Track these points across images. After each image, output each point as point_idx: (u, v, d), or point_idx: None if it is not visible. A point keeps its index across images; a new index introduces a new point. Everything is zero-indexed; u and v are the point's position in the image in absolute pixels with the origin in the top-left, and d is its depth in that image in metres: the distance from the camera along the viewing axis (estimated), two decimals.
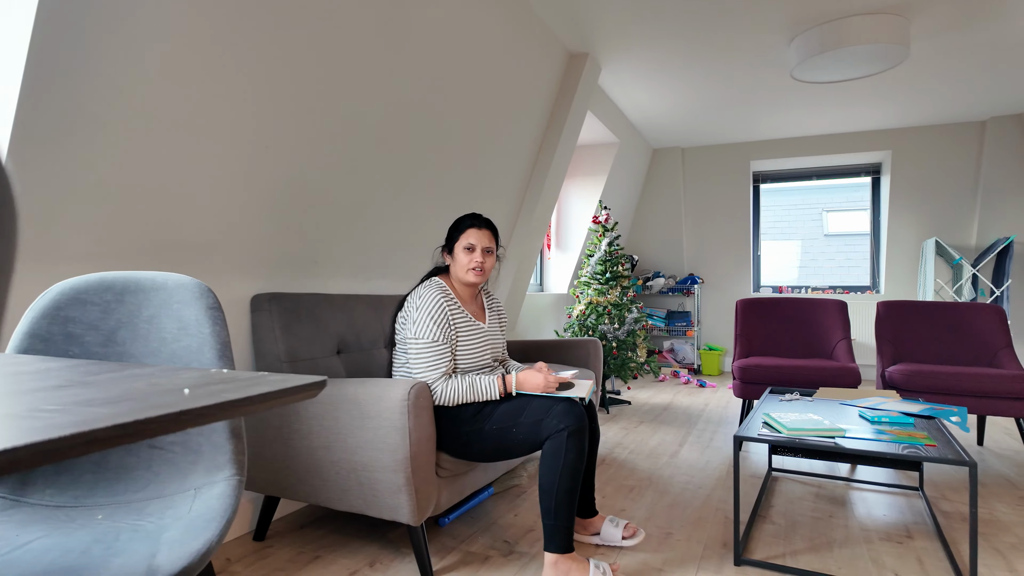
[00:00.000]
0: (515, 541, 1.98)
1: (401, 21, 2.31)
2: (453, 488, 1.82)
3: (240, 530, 2.02)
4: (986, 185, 5.18)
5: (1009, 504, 2.35)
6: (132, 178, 1.60)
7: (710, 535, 2.03)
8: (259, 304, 2.04)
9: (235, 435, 1.05)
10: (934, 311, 3.30)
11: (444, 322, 1.80)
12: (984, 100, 4.71)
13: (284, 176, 2.07)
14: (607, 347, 4.11)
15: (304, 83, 2.01)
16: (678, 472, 2.73)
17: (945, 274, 5.39)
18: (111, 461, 1.04)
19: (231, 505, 0.96)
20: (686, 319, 6.24)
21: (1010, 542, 2.00)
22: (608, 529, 1.92)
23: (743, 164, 6.11)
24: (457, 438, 1.74)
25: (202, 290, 1.10)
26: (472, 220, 1.91)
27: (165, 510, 0.97)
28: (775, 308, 3.59)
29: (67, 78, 1.38)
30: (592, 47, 3.65)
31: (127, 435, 0.41)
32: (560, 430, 1.65)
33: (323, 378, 0.56)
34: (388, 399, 1.63)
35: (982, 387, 2.70)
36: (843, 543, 1.97)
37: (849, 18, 3.16)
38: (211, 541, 0.85)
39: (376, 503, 1.69)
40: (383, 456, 1.63)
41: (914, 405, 2.26)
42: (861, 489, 2.51)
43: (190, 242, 1.83)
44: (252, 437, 1.88)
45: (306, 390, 0.54)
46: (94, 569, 0.77)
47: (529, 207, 3.82)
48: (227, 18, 1.69)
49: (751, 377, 3.12)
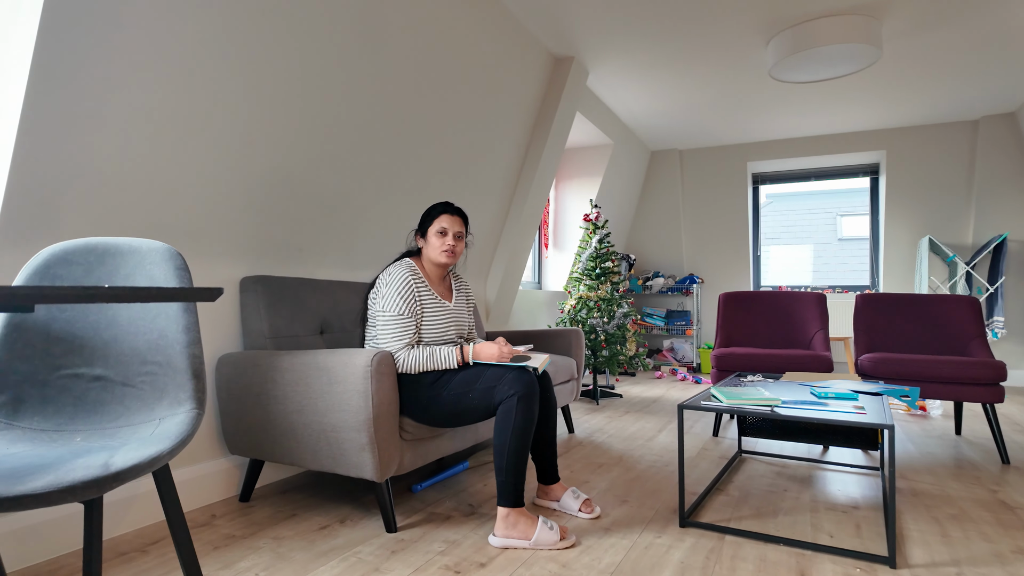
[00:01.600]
0: (479, 505, 2.12)
1: (382, 22, 2.50)
2: (416, 451, 1.98)
3: (227, 492, 2.20)
4: (980, 183, 5.22)
5: (963, 483, 2.43)
6: (129, 167, 1.80)
7: (664, 503, 2.16)
8: (247, 285, 2.23)
9: (196, 376, 1.22)
10: (910, 303, 3.37)
11: (411, 297, 1.96)
12: (975, 100, 4.76)
13: (269, 168, 2.26)
14: (596, 341, 4.23)
15: (288, 81, 2.20)
16: (649, 453, 2.85)
17: (942, 272, 5.42)
18: (90, 396, 1.22)
19: (186, 430, 1.12)
20: (685, 318, 6.33)
21: (950, 512, 2.09)
22: (567, 499, 2.05)
23: (741, 165, 6.20)
24: (418, 403, 1.90)
25: (171, 253, 1.28)
26: (445, 207, 2.08)
27: (132, 434, 1.14)
28: (756, 302, 3.70)
29: (69, 77, 1.58)
30: (577, 51, 3.81)
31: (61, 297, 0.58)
32: (511, 395, 1.80)
33: (219, 288, 0.72)
34: (353, 365, 1.79)
35: (945, 373, 2.77)
36: (789, 511, 2.08)
37: (820, 19, 3.28)
38: (161, 451, 1.02)
39: (344, 461, 1.85)
40: (348, 417, 1.80)
41: (870, 386, 2.36)
42: (825, 469, 2.60)
43: (182, 227, 2.02)
44: (235, 405, 2.06)
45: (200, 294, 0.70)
46: (63, 465, 0.94)
47: (518, 206, 3.98)
48: (217, 21, 1.89)
49: (726, 365, 3.22)
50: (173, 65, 1.82)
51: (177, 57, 1.82)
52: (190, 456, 2.09)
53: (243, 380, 2.04)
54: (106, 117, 1.70)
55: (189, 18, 1.81)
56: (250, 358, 2.05)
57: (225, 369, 2.10)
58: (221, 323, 2.20)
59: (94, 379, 1.23)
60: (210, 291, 0.70)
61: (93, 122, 1.68)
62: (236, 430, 2.08)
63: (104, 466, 0.93)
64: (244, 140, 2.13)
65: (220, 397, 2.11)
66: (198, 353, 1.23)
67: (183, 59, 1.84)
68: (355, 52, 2.42)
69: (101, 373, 1.24)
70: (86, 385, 1.23)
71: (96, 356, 1.25)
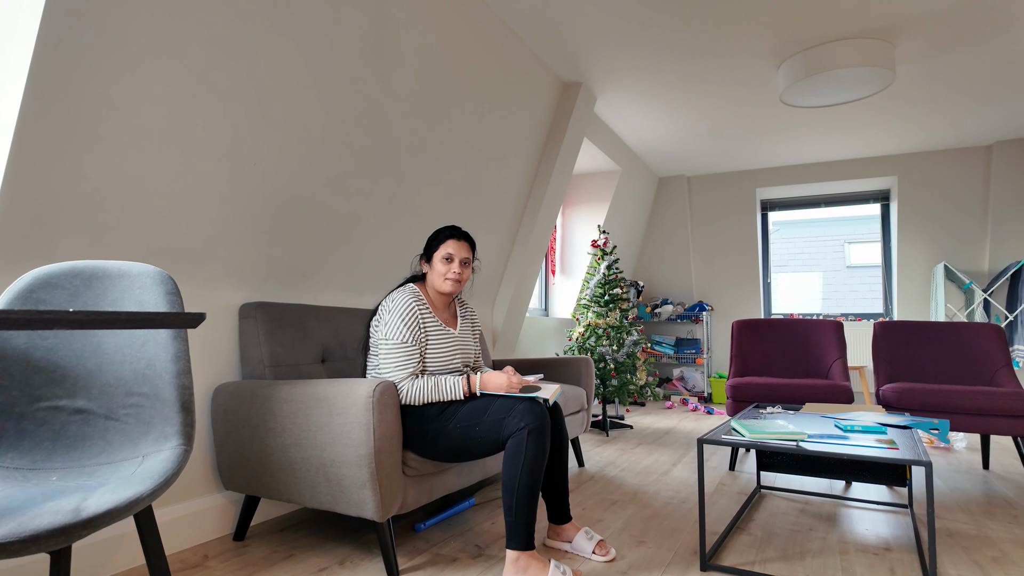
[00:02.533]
0: (486, 545, 2.00)
1: (391, 45, 2.46)
2: (421, 488, 1.87)
3: (221, 531, 2.09)
4: (996, 209, 5.13)
5: (1000, 522, 2.29)
6: (126, 188, 1.74)
7: (683, 543, 2.03)
8: (246, 312, 2.15)
9: (184, 408, 1.14)
10: (931, 331, 3.26)
11: (414, 325, 1.88)
12: (987, 124, 4.71)
13: (273, 190, 2.20)
14: (606, 369, 4.12)
15: (294, 102, 2.15)
16: (665, 488, 2.72)
17: (958, 300, 5.30)
18: (70, 430, 1.13)
19: (171, 468, 1.03)
20: (695, 347, 6.20)
21: (992, 555, 1.95)
22: (580, 540, 1.93)
23: (749, 192, 6.14)
24: (422, 436, 1.80)
25: (163, 277, 1.21)
26: (452, 231, 2.00)
27: (112, 473, 1.05)
28: (771, 330, 3.59)
29: (66, 94, 1.53)
30: (585, 77, 3.78)
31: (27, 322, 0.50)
32: (521, 428, 1.70)
33: (201, 313, 0.64)
34: (354, 396, 1.70)
35: (974, 404, 2.65)
36: (817, 553, 1.95)
37: (833, 43, 3.24)
38: (141, 493, 0.93)
39: (343, 499, 1.74)
40: (348, 452, 1.70)
41: (897, 418, 2.25)
42: (849, 507, 2.47)
43: (181, 250, 1.96)
44: (231, 437, 1.96)
45: (179, 320, 0.62)
46: (30, 509, 0.85)
47: (526, 231, 3.91)
48: (220, 39, 1.85)
49: (743, 395, 3.11)
50: (175, 83, 1.77)
51: (179, 75, 1.78)
52: (182, 492, 1.99)
53: (240, 411, 1.95)
54: (104, 136, 1.65)
55: (192, 36, 1.77)
56: (247, 388, 1.96)
57: (221, 399, 2.01)
58: (219, 351, 2.12)
59: (75, 412, 1.15)
60: (191, 317, 0.62)
61: (91, 141, 1.62)
62: (231, 464, 1.98)
63: (74, 512, 0.84)
64: (247, 162, 2.07)
65: (216, 429, 2.02)
66: (187, 384, 1.15)
67: (185, 77, 1.79)
68: (363, 74, 2.39)
69: (83, 405, 1.16)
70: (66, 418, 1.14)
71: (79, 387, 1.16)
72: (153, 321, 0.60)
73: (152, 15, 1.65)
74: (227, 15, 1.84)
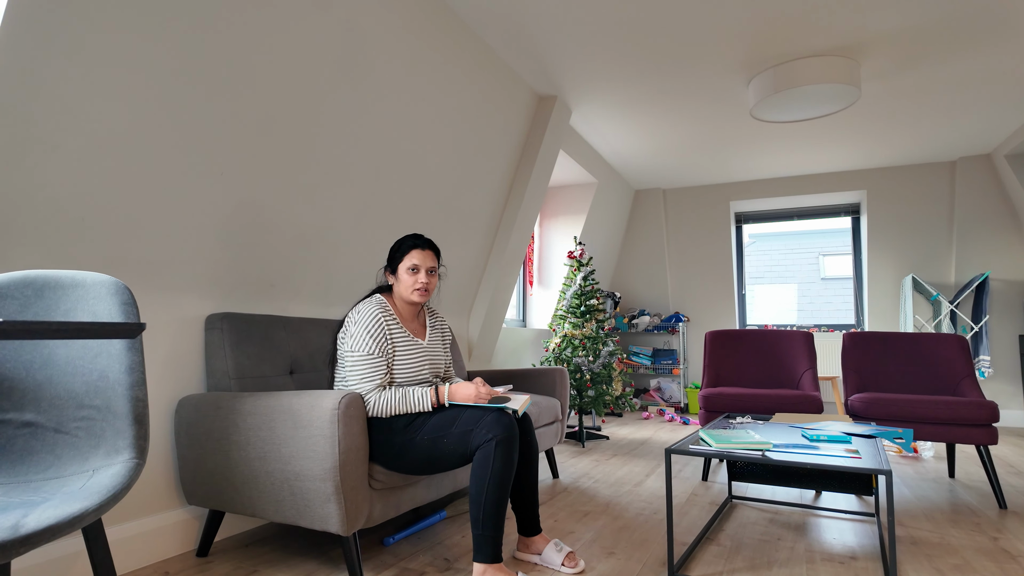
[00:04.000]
0: (455, 559, 1.98)
1: (364, 55, 2.46)
2: (388, 502, 1.85)
3: (184, 547, 2.04)
4: (960, 223, 5.27)
5: (963, 530, 2.33)
6: (85, 197, 1.71)
7: (652, 555, 2.03)
8: (212, 323, 2.12)
9: (137, 421, 1.11)
10: (898, 342, 3.32)
11: (381, 336, 1.86)
12: (952, 141, 4.84)
13: (240, 200, 2.18)
14: (582, 380, 4.13)
15: (263, 111, 2.14)
16: (637, 500, 2.72)
17: (926, 311, 5.41)
18: (16, 444, 1.10)
19: (120, 483, 1.01)
20: (672, 357, 6.25)
21: (954, 563, 1.98)
22: (550, 552, 1.92)
23: (723, 205, 6.23)
24: (390, 448, 1.78)
25: (118, 287, 1.18)
26: (415, 240, 1.99)
27: (59, 488, 1.02)
28: (742, 340, 3.63)
29: (20, 100, 1.51)
30: (560, 90, 3.82)
31: None
32: (488, 440, 1.69)
33: (139, 323, 0.62)
34: (320, 408, 1.68)
35: (937, 414, 2.70)
36: (784, 563, 1.96)
37: (800, 60, 3.31)
38: (86, 508, 0.90)
39: (308, 513, 1.71)
40: (313, 465, 1.67)
41: (863, 428, 2.28)
42: (818, 516, 2.49)
43: (144, 261, 1.92)
44: (195, 451, 1.92)
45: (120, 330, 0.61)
46: None
47: (502, 242, 3.92)
48: (183, 46, 1.83)
49: (714, 406, 3.13)
50: (138, 90, 1.75)
51: (142, 82, 1.75)
52: (143, 507, 1.94)
53: (204, 424, 1.91)
54: (61, 144, 1.62)
55: (157, 42, 1.76)
56: (211, 400, 1.92)
57: (185, 412, 1.97)
58: (184, 363, 2.08)
59: (23, 425, 1.12)
60: (129, 327, 0.61)
61: (46, 148, 1.59)
62: (195, 478, 1.94)
63: (13, 528, 0.81)
64: (213, 170, 2.05)
65: (179, 443, 1.98)
66: (142, 396, 1.13)
67: (149, 84, 1.77)
68: (335, 84, 2.38)
69: (32, 419, 1.13)
70: (13, 432, 1.11)
71: (27, 399, 1.13)
72: (87, 331, 0.59)
73: (113, 19, 1.64)
74: (192, 22, 1.83)
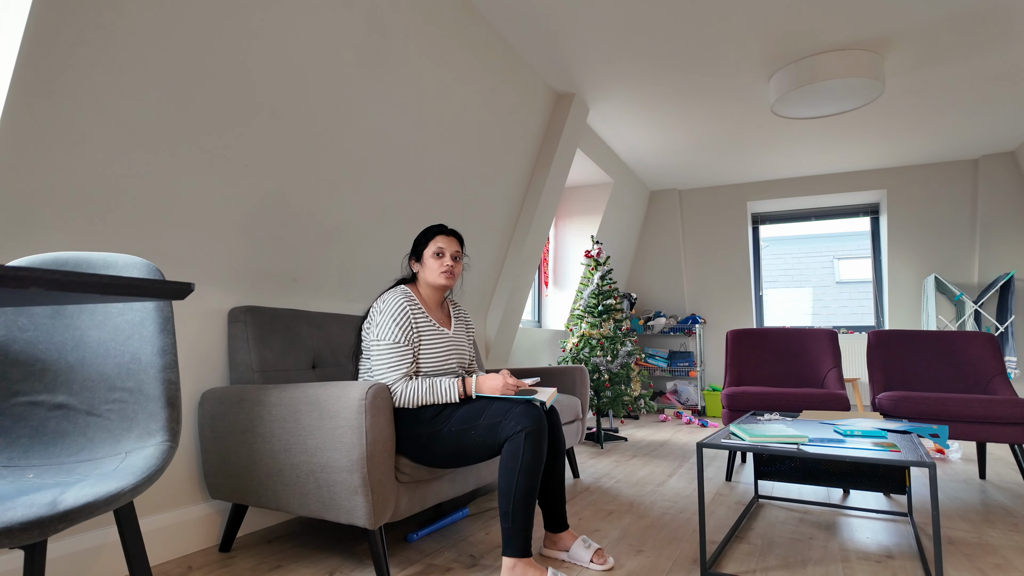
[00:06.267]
0: (481, 556, 1.95)
1: (385, 51, 2.45)
2: (414, 495, 1.81)
3: (207, 541, 2.02)
4: (984, 222, 5.18)
5: (1001, 530, 2.27)
6: (111, 188, 1.70)
7: (682, 552, 1.98)
8: (235, 316, 2.11)
9: (170, 404, 1.09)
10: (926, 340, 3.26)
11: (406, 325, 1.84)
12: (975, 138, 4.77)
13: (265, 193, 2.17)
14: (600, 380, 4.08)
15: (288, 105, 2.13)
16: (662, 499, 2.68)
17: (949, 311, 5.32)
18: (49, 427, 1.08)
19: (154, 465, 0.99)
20: (688, 359, 6.18)
21: (994, 562, 1.92)
22: (578, 549, 1.88)
23: (740, 205, 6.18)
24: (416, 440, 1.75)
25: (150, 269, 1.17)
26: (439, 227, 1.99)
27: (93, 469, 1.00)
28: (766, 339, 3.58)
29: (52, 90, 1.50)
30: (578, 87, 3.80)
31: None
32: (518, 431, 1.66)
33: (189, 283, 0.60)
34: (346, 399, 1.66)
35: (971, 412, 2.64)
36: (818, 562, 1.91)
37: (823, 54, 3.27)
38: (122, 488, 0.88)
39: (334, 506, 1.69)
40: (340, 457, 1.65)
41: (895, 424, 2.22)
42: (848, 515, 2.43)
43: (168, 252, 1.91)
44: (219, 444, 1.90)
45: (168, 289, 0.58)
46: (3, 503, 0.80)
47: (519, 242, 3.89)
48: (208, 40, 1.82)
49: (738, 405, 3.08)
50: (164, 81, 1.75)
51: (169, 72, 1.75)
52: (166, 501, 1.92)
53: (228, 417, 1.89)
54: (90, 132, 1.61)
55: (184, 33, 1.75)
56: (236, 393, 1.90)
57: (209, 405, 1.95)
58: (207, 356, 2.07)
59: (55, 407, 1.10)
60: (178, 286, 0.59)
61: (76, 137, 1.59)
62: (218, 472, 1.92)
63: (51, 504, 0.79)
64: (239, 163, 2.04)
65: (203, 436, 1.96)
66: (174, 379, 1.11)
67: (175, 75, 1.77)
68: (357, 80, 2.37)
69: (64, 401, 1.11)
70: (46, 414, 1.09)
71: (59, 381, 1.11)
72: (137, 288, 0.57)
73: (142, 12, 1.63)
74: (219, 15, 1.82)
